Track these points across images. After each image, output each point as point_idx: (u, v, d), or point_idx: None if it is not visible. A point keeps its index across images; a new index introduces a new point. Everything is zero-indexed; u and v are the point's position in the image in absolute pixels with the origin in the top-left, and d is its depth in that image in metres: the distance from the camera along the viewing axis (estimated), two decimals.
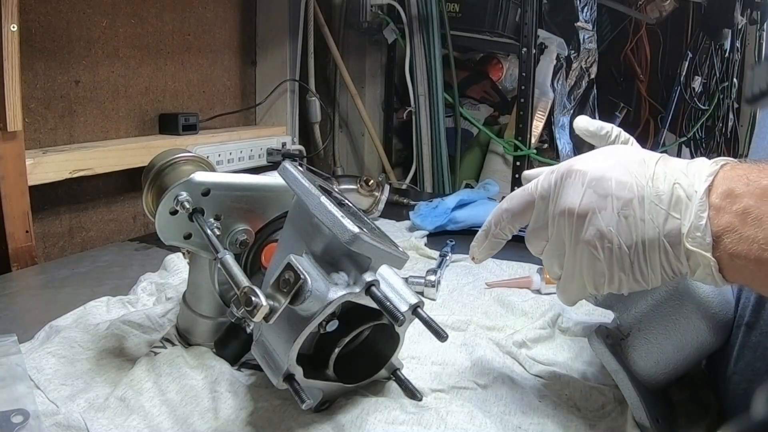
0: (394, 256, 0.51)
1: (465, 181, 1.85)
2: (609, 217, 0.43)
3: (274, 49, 1.61)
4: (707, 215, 0.40)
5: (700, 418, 0.54)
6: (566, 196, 0.45)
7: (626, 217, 0.43)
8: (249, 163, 1.47)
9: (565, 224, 0.45)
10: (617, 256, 0.43)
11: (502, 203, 0.51)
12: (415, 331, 0.65)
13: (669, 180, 0.42)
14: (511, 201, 0.50)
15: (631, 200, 0.43)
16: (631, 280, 0.44)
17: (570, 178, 0.45)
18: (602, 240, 0.43)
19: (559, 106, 1.91)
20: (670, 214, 0.42)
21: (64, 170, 1.06)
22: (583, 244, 0.44)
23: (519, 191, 0.49)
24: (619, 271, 0.44)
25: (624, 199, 0.43)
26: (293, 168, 0.54)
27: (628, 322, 0.54)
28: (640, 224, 0.42)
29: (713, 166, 0.42)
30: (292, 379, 0.50)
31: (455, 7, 1.75)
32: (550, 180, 0.47)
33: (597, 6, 2.02)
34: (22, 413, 0.51)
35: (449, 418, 0.53)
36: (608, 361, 0.52)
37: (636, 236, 0.43)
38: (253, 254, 0.62)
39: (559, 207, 0.45)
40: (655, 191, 0.42)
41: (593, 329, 0.54)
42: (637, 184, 0.43)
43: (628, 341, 0.53)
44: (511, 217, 0.50)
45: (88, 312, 0.72)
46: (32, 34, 1.07)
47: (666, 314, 0.51)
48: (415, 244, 1.02)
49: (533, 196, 0.48)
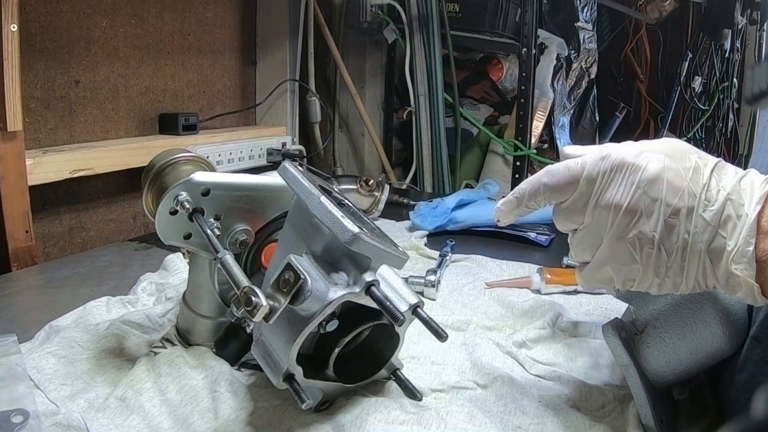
0: (394, 256, 0.51)
1: (465, 181, 1.85)
2: (655, 221, 0.42)
3: (274, 49, 1.61)
4: (755, 241, 0.40)
5: (700, 418, 0.54)
6: (615, 191, 0.43)
7: (672, 225, 0.42)
8: (249, 163, 1.47)
9: (608, 219, 0.44)
10: (655, 262, 0.43)
11: (541, 176, 0.48)
12: (415, 331, 0.65)
13: (722, 194, 0.41)
14: (552, 176, 0.47)
15: (680, 209, 0.42)
16: (663, 285, 0.44)
17: (621, 171, 0.43)
18: (643, 243, 0.43)
19: (559, 106, 1.91)
20: (718, 233, 0.41)
21: (64, 170, 1.06)
22: (624, 243, 0.43)
23: (561, 167, 0.46)
24: (653, 275, 0.43)
25: (674, 207, 0.42)
26: (293, 168, 0.54)
27: (644, 317, 0.53)
28: (684, 235, 0.42)
29: (765, 187, 0.41)
30: (292, 379, 0.50)
31: (455, 7, 1.75)
32: (599, 167, 0.44)
33: (597, 6, 2.02)
34: (22, 413, 0.51)
35: (449, 418, 0.53)
36: (620, 354, 0.52)
37: (678, 246, 0.42)
38: (253, 254, 0.62)
39: (606, 200, 0.44)
40: (706, 204, 0.41)
41: (608, 321, 0.54)
42: (689, 193, 0.42)
43: (641, 337, 0.53)
44: (549, 192, 0.47)
45: (88, 312, 0.72)
46: (32, 34, 1.07)
47: (684, 315, 0.51)
48: (415, 244, 1.02)
49: (577, 177, 0.46)
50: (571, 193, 0.46)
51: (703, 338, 0.50)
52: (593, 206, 0.45)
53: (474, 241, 1.08)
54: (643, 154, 0.43)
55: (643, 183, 0.42)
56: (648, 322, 0.53)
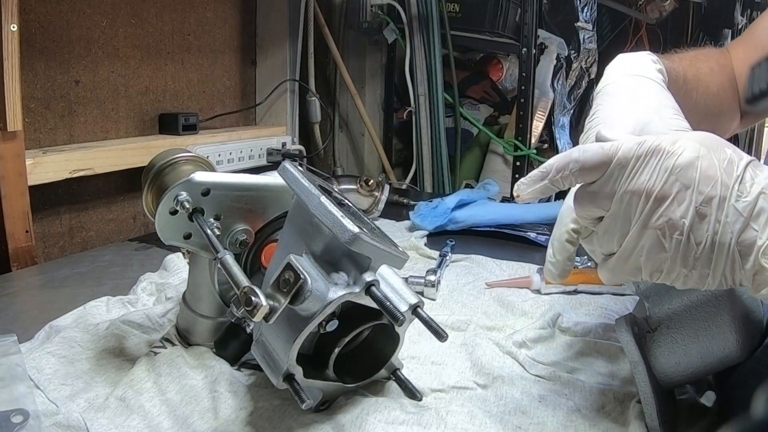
0: (394, 256, 0.51)
1: (465, 181, 1.85)
2: (686, 209, 0.41)
3: (274, 49, 1.61)
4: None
5: (700, 418, 0.54)
6: (647, 176, 0.43)
7: (704, 214, 0.41)
8: (249, 163, 1.47)
9: (638, 205, 0.43)
10: (683, 251, 0.42)
11: (572, 151, 0.46)
12: (415, 331, 0.65)
13: (756, 188, 0.41)
14: (584, 153, 0.45)
15: (712, 198, 0.41)
16: (689, 278, 0.43)
17: (655, 156, 0.43)
18: (673, 230, 0.42)
19: (559, 106, 1.91)
20: (750, 225, 0.41)
21: (64, 170, 1.06)
22: (653, 230, 0.43)
23: (595, 146, 0.45)
24: (681, 266, 0.43)
25: (706, 195, 0.41)
26: (293, 168, 0.54)
27: (658, 316, 0.53)
28: (714, 225, 0.41)
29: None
30: (292, 379, 0.50)
31: (455, 7, 1.75)
32: (634, 150, 0.43)
33: (597, 6, 2.02)
34: (22, 413, 0.51)
35: (449, 418, 0.53)
36: (631, 350, 0.51)
37: (708, 235, 0.41)
38: (253, 254, 0.62)
39: (636, 185, 0.43)
40: (739, 195, 0.41)
41: (621, 316, 0.53)
42: (722, 183, 0.41)
43: (654, 335, 0.53)
44: (579, 169, 0.45)
45: (88, 312, 0.72)
46: (32, 34, 1.07)
47: (699, 318, 0.50)
48: (415, 244, 1.02)
49: (610, 158, 0.44)
50: (601, 173, 0.44)
51: (716, 343, 0.50)
52: (623, 191, 0.43)
53: (474, 241, 1.08)
54: (679, 141, 0.43)
55: (676, 169, 0.42)
56: (662, 321, 0.52)
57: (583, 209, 0.46)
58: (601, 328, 0.70)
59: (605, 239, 0.46)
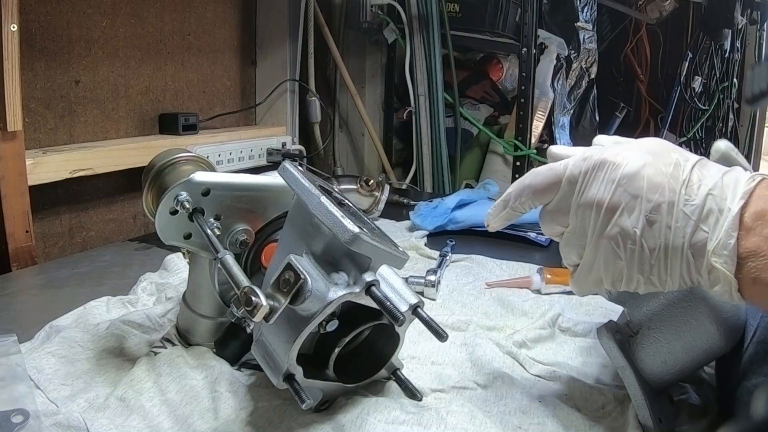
0: (394, 256, 0.51)
1: (465, 181, 1.85)
2: (636, 217, 0.42)
3: (274, 49, 1.61)
4: (737, 235, 0.39)
5: (700, 417, 0.54)
6: (595, 189, 0.44)
7: (653, 221, 0.42)
8: (249, 163, 1.47)
9: (591, 217, 0.44)
10: (638, 258, 0.43)
11: (525, 177, 0.49)
12: (415, 331, 0.65)
13: (703, 190, 0.41)
14: (535, 177, 0.48)
15: (660, 204, 0.42)
16: (649, 283, 0.44)
17: (602, 170, 0.44)
18: (626, 239, 0.43)
19: (559, 106, 1.91)
20: (700, 227, 0.41)
21: (64, 170, 1.06)
22: (606, 240, 0.44)
23: (544, 169, 0.47)
24: (638, 272, 0.43)
25: (654, 203, 0.42)
26: (293, 168, 0.54)
27: (638, 319, 0.53)
28: (665, 230, 0.42)
29: (750, 183, 0.41)
30: (292, 379, 0.50)
31: (455, 7, 1.75)
32: (580, 167, 0.45)
33: (597, 6, 2.02)
34: (22, 413, 0.51)
35: (449, 418, 0.53)
36: (615, 356, 0.52)
37: (660, 241, 0.42)
38: (253, 254, 0.62)
39: (587, 198, 0.44)
40: (686, 199, 0.41)
41: (602, 323, 0.54)
42: (669, 188, 0.42)
43: (637, 338, 0.53)
44: (532, 193, 0.48)
45: (88, 312, 0.72)
46: (32, 34, 1.07)
47: (677, 315, 0.51)
48: (415, 244, 1.02)
49: (560, 178, 0.46)
50: (554, 194, 0.47)
51: (698, 336, 0.51)
52: (576, 206, 0.45)
53: (474, 241, 1.08)
54: (623, 152, 0.44)
55: (623, 180, 0.43)
56: (642, 323, 0.53)
57: (546, 229, 0.49)
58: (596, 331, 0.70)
59: (566, 251, 0.48)
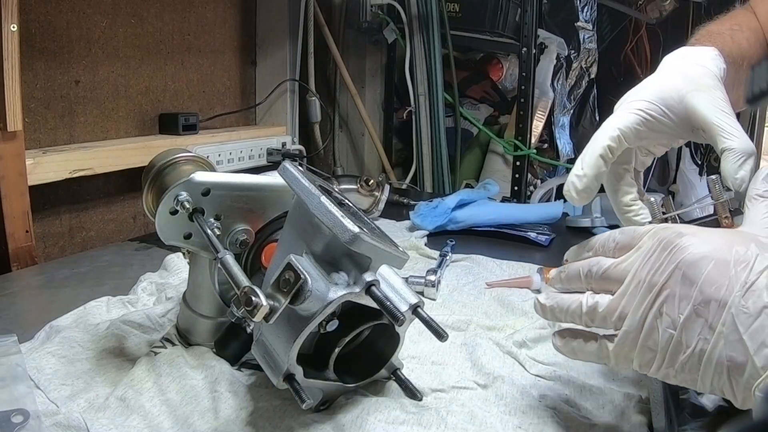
0: (394, 256, 0.51)
1: (465, 181, 1.85)
2: (683, 306, 0.40)
3: (274, 49, 1.61)
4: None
5: (701, 417, 0.54)
6: (653, 267, 0.42)
7: (699, 315, 0.39)
8: (249, 163, 1.47)
9: (640, 292, 0.42)
10: (673, 349, 0.40)
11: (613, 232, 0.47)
12: (415, 331, 0.65)
13: (760, 301, 0.37)
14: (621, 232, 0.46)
15: (711, 301, 0.39)
16: (679, 377, 0.41)
17: (666, 250, 0.42)
18: (666, 323, 0.40)
19: (559, 106, 1.91)
20: (744, 340, 0.37)
21: (64, 170, 1.06)
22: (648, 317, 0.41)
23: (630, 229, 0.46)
24: (668, 365, 0.41)
25: (705, 296, 0.39)
26: (293, 168, 0.54)
27: None
28: (707, 331, 0.39)
29: None
30: (292, 379, 0.50)
31: (455, 7, 1.75)
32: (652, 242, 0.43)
33: (597, 6, 2.02)
34: (22, 413, 0.51)
35: (449, 418, 0.53)
36: None
37: (699, 341, 0.39)
38: (253, 254, 0.62)
39: (642, 274, 0.42)
40: (742, 305, 0.38)
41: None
42: (727, 288, 0.38)
43: None
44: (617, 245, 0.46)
45: (88, 312, 0.72)
46: (32, 34, 1.07)
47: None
48: (415, 244, 1.02)
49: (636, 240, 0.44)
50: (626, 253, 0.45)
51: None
52: (631, 277, 0.43)
53: (474, 241, 1.08)
54: (696, 237, 0.41)
55: (683, 264, 0.40)
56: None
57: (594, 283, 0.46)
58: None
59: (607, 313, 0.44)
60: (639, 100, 0.52)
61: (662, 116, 0.52)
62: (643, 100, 0.52)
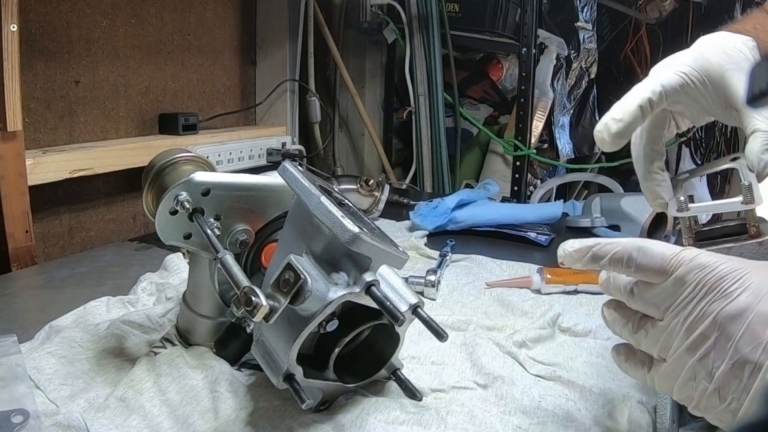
0: (394, 256, 0.51)
1: (465, 181, 1.85)
2: (719, 360, 0.38)
3: (274, 49, 1.61)
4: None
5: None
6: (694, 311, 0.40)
7: (736, 374, 0.38)
8: (249, 163, 1.47)
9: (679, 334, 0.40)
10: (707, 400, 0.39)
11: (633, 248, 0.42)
12: (415, 331, 0.65)
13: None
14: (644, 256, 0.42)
15: (745, 364, 0.37)
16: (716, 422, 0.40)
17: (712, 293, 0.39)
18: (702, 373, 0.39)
19: (559, 106, 1.91)
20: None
21: (64, 170, 1.06)
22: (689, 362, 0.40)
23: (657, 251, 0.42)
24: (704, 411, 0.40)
25: (741, 357, 0.37)
26: (293, 168, 0.54)
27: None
28: (738, 390, 0.37)
29: None
30: (292, 379, 0.50)
31: (455, 7, 1.75)
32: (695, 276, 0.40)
33: (597, 6, 2.02)
34: (22, 413, 0.51)
35: (449, 418, 0.53)
36: None
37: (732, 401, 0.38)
38: (253, 254, 0.62)
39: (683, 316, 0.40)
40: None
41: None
42: (764, 349, 0.37)
43: None
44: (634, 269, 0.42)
45: (88, 312, 0.72)
46: (32, 34, 1.07)
47: None
48: (415, 244, 1.02)
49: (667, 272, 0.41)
50: (658, 281, 0.42)
51: None
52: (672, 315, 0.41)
53: (474, 241, 1.08)
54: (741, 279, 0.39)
55: (723, 316, 0.38)
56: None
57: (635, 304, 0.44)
58: (601, 328, 0.70)
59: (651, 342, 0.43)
60: (683, 65, 0.52)
61: (702, 85, 0.51)
62: (687, 65, 0.52)
